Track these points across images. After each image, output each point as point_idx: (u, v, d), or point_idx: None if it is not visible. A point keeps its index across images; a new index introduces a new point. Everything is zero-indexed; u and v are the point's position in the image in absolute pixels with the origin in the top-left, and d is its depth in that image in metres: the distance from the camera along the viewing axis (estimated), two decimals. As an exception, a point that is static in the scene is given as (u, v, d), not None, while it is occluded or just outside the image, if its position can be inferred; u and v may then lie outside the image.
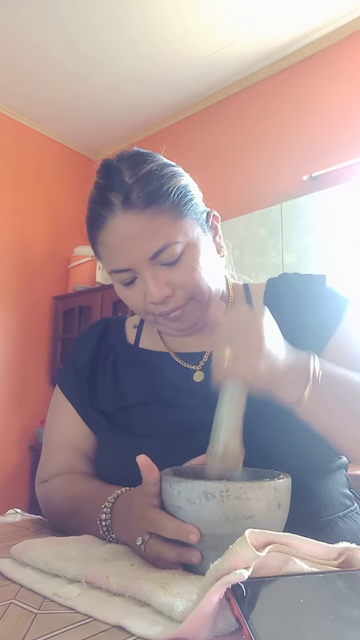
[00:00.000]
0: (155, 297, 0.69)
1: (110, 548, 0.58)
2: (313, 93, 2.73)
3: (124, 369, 0.82)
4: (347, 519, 0.70)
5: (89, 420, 0.81)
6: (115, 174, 0.70)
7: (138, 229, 0.68)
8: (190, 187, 0.74)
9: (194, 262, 0.71)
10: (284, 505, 0.51)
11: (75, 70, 2.98)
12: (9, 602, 0.44)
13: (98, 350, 0.85)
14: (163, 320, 0.74)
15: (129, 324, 0.90)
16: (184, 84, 3.11)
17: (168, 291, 0.70)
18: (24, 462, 3.20)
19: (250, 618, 0.34)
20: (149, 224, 0.68)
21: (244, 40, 2.73)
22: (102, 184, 0.71)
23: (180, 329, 0.76)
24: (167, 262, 0.69)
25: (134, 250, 0.68)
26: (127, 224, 0.68)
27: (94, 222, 0.72)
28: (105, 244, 0.71)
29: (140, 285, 0.71)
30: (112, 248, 0.70)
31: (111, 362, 0.83)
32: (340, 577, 0.41)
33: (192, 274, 0.71)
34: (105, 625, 0.40)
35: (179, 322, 0.74)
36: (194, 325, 0.76)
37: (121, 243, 0.69)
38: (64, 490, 0.75)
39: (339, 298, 0.77)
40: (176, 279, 0.70)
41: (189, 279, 0.71)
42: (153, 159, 0.72)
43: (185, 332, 0.77)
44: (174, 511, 0.51)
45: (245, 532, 0.40)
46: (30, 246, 3.42)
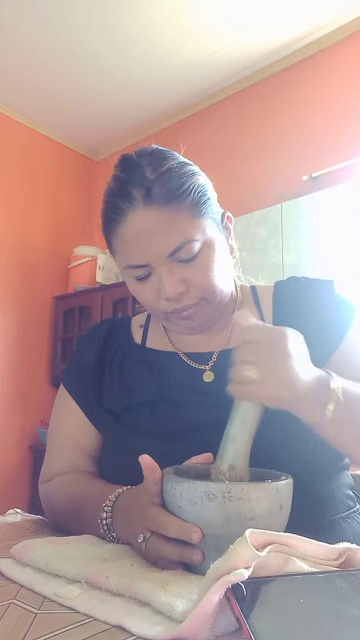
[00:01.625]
0: (170, 293, 0.70)
1: (110, 548, 0.58)
2: (313, 93, 2.73)
3: (131, 368, 0.81)
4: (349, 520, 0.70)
5: (95, 419, 0.80)
6: (136, 169, 0.70)
7: (158, 224, 0.68)
8: (208, 187, 0.75)
9: (210, 261, 0.71)
10: (286, 507, 0.51)
11: (75, 72, 2.98)
12: (9, 602, 0.44)
13: (104, 350, 0.85)
14: (174, 318, 0.74)
15: (135, 323, 0.89)
16: (184, 85, 3.11)
17: (183, 288, 0.70)
18: (24, 462, 3.20)
19: (250, 618, 0.34)
20: (169, 220, 0.68)
21: (244, 40, 2.73)
22: (123, 178, 0.71)
23: (191, 327, 0.76)
24: (184, 259, 0.70)
25: (152, 245, 0.69)
26: (148, 218, 0.68)
27: (112, 216, 0.72)
28: (123, 238, 0.71)
29: (155, 281, 0.71)
30: (130, 242, 0.70)
31: (118, 362, 0.83)
32: (340, 577, 0.41)
33: (208, 273, 0.71)
34: (105, 625, 0.40)
35: (190, 320, 0.74)
36: (203, 324, 0.76)
37: (140, 237, 0.69)
38: (66, 490, 0.75)
39: (347, 305, 0.78)
40: (191, 277, 0.70)
41: (204, 278, 0.71)
42: (173, 157, 0.73)
43: (195, 330, 0.77)
44: (175, 511, 0.51)
45: (245, 532, 0.40)
46: (31, 246, 3.42)
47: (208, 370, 0.77)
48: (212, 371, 0.76)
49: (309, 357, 0.60)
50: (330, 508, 0.69)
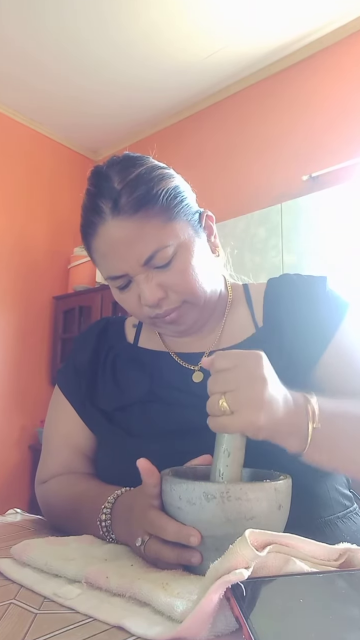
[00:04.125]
0: (149, 300, 0.70)
1: (110, 548, 0.58)
2: (313, 93, 2.73)
3: (123, 367, 0.82)
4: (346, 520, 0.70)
5: (88, 419, 0.81)
6: (104, 181, 0.71)
7: (128, 234, 0.68)
8: (181, 188, 0.74)
9: (187, 263, 0.71)
10: (285, 506, 0.51)
11: (75, 73, 2.98)
12: (9, 602, 0.44)
13: (97, 350, 0.86)
14: (160, 323, 0.75)
15: (129, 323, 0.90)
16: (184, 85, 3.11)
17: (161, 294, 0.70)
18: (24, 462, 3.20)
19: (250, 618, 0.34)
20: (139, 228, 0.68)
21: (243, 40, 2.73)
22: (92, 191, 0.72)
23: (178, 330, 0.76)
24: (160, 266, 0.70)
25: (125, 256, 0.69)
26: (117, 230, 0.68)
27: (86, 230, 0.73)
28: (98, 251, 0.72)
29: (135, 289, 0.72)
30: (104, 254, 0.71)
31: (110, 361, 0.83)
32: (340, 577, 0.41)
33: (185, 276, 0.71)
34: (105, 625, 0.40)
35: (176, 324, 0.74)
36: (191, 327, 0.76)
37: (113, 249, 0.70)
38: (63, 491, 0.75)
39: (339, 301, 0.77)
40: (169, 282, 0.70)
41: (181, 281, 0.71)
42: (142, 163, 0.72)
43: (183, 333, 0.78)
44: (174, 512, 0.51)
45: (245, 532, 0.40)
46: (30, 246, 3.42)
47: (197, 370, 0.77)
48: (201, 372, 0.76)
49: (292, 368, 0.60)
50: (326, 507, 0.69)
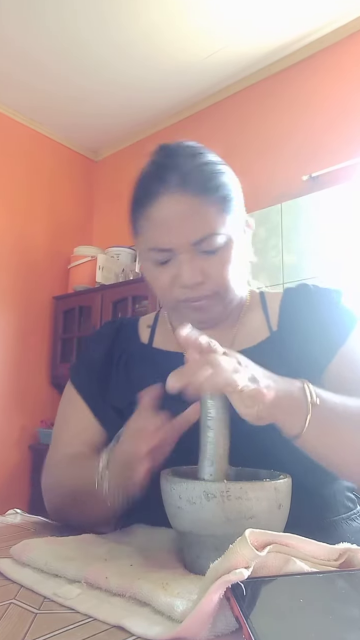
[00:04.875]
0: (188, 280, 0.71)
1: (110, 548, 0.58)
2: (313, 93, 2.73)
3: (136, 366, 0.82)
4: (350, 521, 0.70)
5: (101, 415, 0.81)
6: (175, 156, 0.73)
7: (187, 211, 0.70)
8: (237, 188, 0.78)
9: (230, 257, 0.73)
10: (285, 506, 0.51)
11: (75, 73, 2.98)
12: (9, 602, 0.44)
13: (111, 350, 0.86)
14: (184, 308, 0.75)
15: (142, 324, 0.90)
16: (183, 85, 3.11)
17: (200, 278, 0.71)
18: (24, 462, 3.20)
19: (250, 618, 0.34)
20: (199, 209, 0.70)
21: (243, 41, 2.73)
22: (160, 162, 0.74)
23: (199, 320, 0.77)
24: (207, 250, 0.71)
25: (179, 230, 0.70)
26: (179, 204, 0.70)
27: (143, 197, 0.74)
28: (151, 220, 0.72)
29: (173, 267, 0.73)
30: (157, 225, 0.72)
31: (124, 361, 0.84)
32: (340, 577, 0.41)
33: (225, 268, 0.73)
34: (105, 625, 0.40)
35: (200, 312, 0.75)
36: (212, 319, 0.78)
37: (168, 221, 0.71)
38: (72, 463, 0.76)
39: (350, 314, 0.79)
40: (210, 269, 0.72)
41: (221, 272, 0.73)
42: (210, 152, 0.77)
43: (202, 324, 0.78)
44: (175, 512, 0.51)
45: (245, 531, 0.40)
46: (30, 246, 3.42)
47: None
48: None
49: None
50: (330, 509, 0.69)
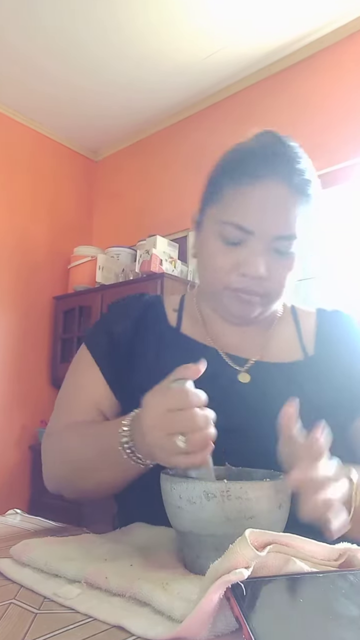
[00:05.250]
0: (254, 271, 0.69)
1: (110, 548, 0.58)
2: (312, 93, 2.73)
3: (167, 351, 0.79)
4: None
5: (119, 390, 0.78)
6: (289, 147, 0.72)
7: (286, 205, 0.69)
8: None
9: (293, 264, 0.73)
10: (285, 506, 0.51)
11: (75, 73, 2.98)
12: (9, 602, 0.44)
13: (138, 324, 0.82)
14: (230, 298, 0.74)
15: (168, 305, 0.87)
16: (183, 86, 3.11)
17: (265, 274, 0.70)
18: (24, 462, 3.20)
19: (250, 618, 0.34)
20: (295, 209, 0.70)
21: (243, 41, 2.73)
22: (271, 146, 0.71)
23: (239, 314, 0.75)
24: (280, 250, 0.71)
25: (271, 220, 0.69)
26: (280, 195, 0.69)
27: (242, 173, 0.70)
28: (247, 196, 0.70)
29: (241, 252, 0.71)
30: (253, 204, 0.69)
31: (154, 341, 0.80)
32: (340, 577, 0.41)
33: (287, 273, 0.73)
34: (105, 625, 0.40)
35: (243, 306, 0.74)
36: (248, 316, 0.76)
37: (265, 206, 0.69)
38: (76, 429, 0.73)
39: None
40: (274, 269, 0.71)
41: (282, 276, 0.72)
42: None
43: (241, 318, 0.77)
44: (175, 511, 0.51)
45: (245, 531, 0.40)
46: (31, 246, 3.42)
47: (244, 372, 0.76)
48: (248, 373, 0.76)
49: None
50: None
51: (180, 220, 3.19)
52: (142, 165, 3.59)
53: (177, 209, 3.25)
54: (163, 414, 0.51)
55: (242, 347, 0.80)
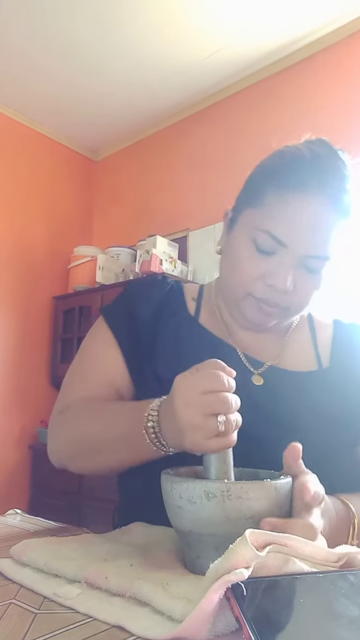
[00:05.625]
0: (281, 285, 0.68)
1: (110, 548, 0.58)
2: (313, 93, 2.73)
3: (186, 339, 0.77)
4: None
5: (135, 371, 0.76)
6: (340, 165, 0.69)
7: (326, 225, 0.67)
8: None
9: (319, 284, 0.72)
10: (285, 506, 0.51)
11: (75, 73, 2.98)
12: (9, 602, 0.44)
13: (161, 308, 0.80)
14: (250, 304, 0.73)
15: (188, 294, 0.85)
16: (184, 85, 3.11)
17: (291, 287, 0.69)
18: (24, 462, 3.20)
19: (250, 618, 0.34)
20: (334, 230, 0.68)
21: (243, 41, 2.73)
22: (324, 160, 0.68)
23: (257, 322, 0.75)
24: (310, 268, 0.69)
25: (308, 238, 0.67)
26: (322, 214, 0.67)
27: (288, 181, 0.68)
28: (289, 207, 0.67)
29: (272, 262, 0.69)
30: (293, 217, 0.67)
31: (174, 327, 0.78)
32: (340, 577, 0.41)
33: (312, 292, 0.72)
34: (105, 625, 0.40)
35: (262, 316, 0.73)
36: (265, 325, 0.76)
37: (306, 223, 0.67)
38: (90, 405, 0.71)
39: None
40: (300, 286, 0.70)
41: (307, 294, 0.71)
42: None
43: (256, 326, 0.76)
44: (175, 511, 0.51)
45: (245, 532, 0.40)
46: (30, 246, 3.42)
47: (257, 374, 0.76)
48: (261, 376, 0.75)
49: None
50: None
51: (180, 220, 3.19)
52: (142, 165, 3.59)
53: (177, 209, 3.25)
54: (199, 395, 0.51)
55: (258, 350, 0.79)
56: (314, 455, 0.62)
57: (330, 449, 0.69)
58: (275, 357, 0.79)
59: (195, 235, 3.12)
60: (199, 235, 3.09)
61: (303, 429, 0.69)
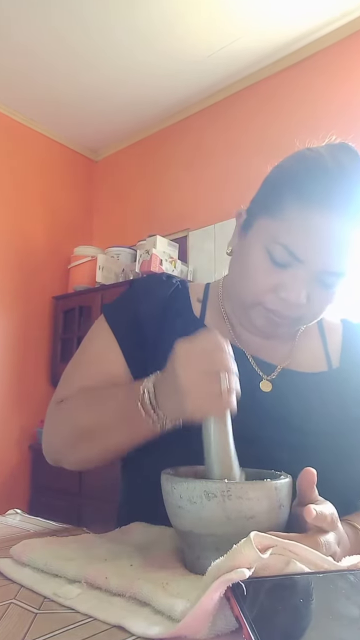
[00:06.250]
0: (294, 299, 0.66)
1: (110, 548, 0.58)
2: (316, 92, 2.73)
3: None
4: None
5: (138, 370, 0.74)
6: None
7: (346, 243, 0.65)
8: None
9: (333, 299, 0.70)
10: (286, 506, 0.51)
11: (75, 73, 2.98)
12: (9, 602, 0.44)
13: (166, 307, 0.79)
14: (260, 314, 0.71)
15: (193, 294, 0.83)
16: (184, 85, 3.11)
17: (304, 302, 0.68)
18: (24, 462, 3.20)
19: (250, 618, 0.34)
20: (350, 247, 0.66)
21: (244, 39, 2.73)
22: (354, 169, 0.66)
23: (265, 330, 0.73)
24: (326, 284, 0.68)
25: (325, 253, 0.65)
26: (344, 233, 0.65)
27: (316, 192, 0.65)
28: (310, 223, 0.65)
29: (286, 275, 0.67)
30: (313, 235, 0.65)
31: (178, 329, 0.76)
32: (340, 577, 0.41)
33: (324, 307, 0.71)
34: (105, 625, 0.40)
35: (273, 325, 0.72)
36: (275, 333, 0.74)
37: (326, 241, 0.65)
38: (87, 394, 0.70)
39: None
40: (313, 299, 0.68)
41: (320, 308, 0.70)
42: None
43: (265, 334, 0.75)
44: (175, 511, 0.51)
45: (250, 533, 0.40)
46: (30, 246, 3.42)
47: (266, 380, 0.74)
48: (270, 382, 0.74)
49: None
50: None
51: (180, 220, 3.19)
52: (142, 165, 3.59)
53: (177, 209, 3.25)
54: (200, 354, 0.52)
55: (267, 353, 0.77)
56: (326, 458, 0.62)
57: (342, 451, 0.68)
58: (285, 359, 0.77)
59: (195, 235, 3.12)
60: (199, 235, 3.09)
61: (314, 432, 0.68)
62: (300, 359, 0.78)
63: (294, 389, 0.74)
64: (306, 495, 0.52)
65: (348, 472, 0.67)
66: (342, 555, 0.50)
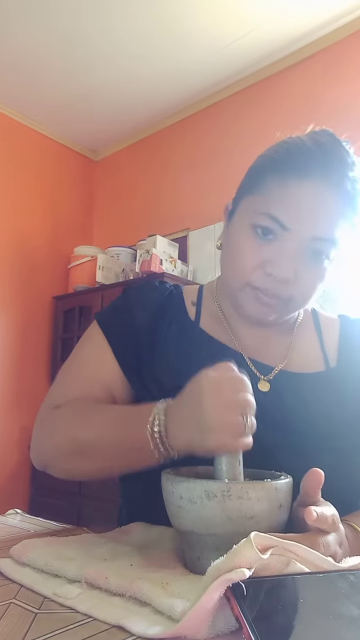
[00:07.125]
0: (280, 273, 0.65)
1: (110, 548, 0.58)
2: (315, 92, 2.73)
3: (187, 347, 0.74)
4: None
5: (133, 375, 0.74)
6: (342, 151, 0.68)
7: (331, 209, 0.65)
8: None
9: (325, 272, 0.69)
10: (286, 506, 0.51)
11: (75, 72, 2.98)
12: (9, 602, 0.44)
13: (160, 314, 0.78)
14: (250, 296, 0.69)
15: (187, 297, 0.82)
16: (184, 85, 3.11)
17: (292, 277, 0.66)
18: (24, 462, 3.20)
19: (250, 618, 0.34)
20: (340, 216, 0.66)
21: (244, 39, 2.73)
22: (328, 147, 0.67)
23: (256, 315, 0.71)
24: (318, 252, 0.66)
25: (312, 219, 0.65)
26: (327, 198, 0.65)
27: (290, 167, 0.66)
28: (290, 190, 0.65)
29: (271, 249, 0.66)
30: (295, 200, 0.65)
31: (175, 333, 0.76)
32: (340, 577, 0.41)
33: (315, 283, 0.69)
34: (105, 625, 0.40)
35: (262, 308, 0.70)
36: (267, 319, 0.72)
37: (308, 205, 0.65)
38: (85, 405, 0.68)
39: None
40: (303, 274, 0.67)
41: (311, 283, 0.69)
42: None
43: (256, 321, 0.74)
44: (175, 511, 0.51)
45: (250, 533, 0.40)
46: (31, 246, 3.42)
47: (264, 380, 0.73)
48: (268, 382, 0.73)
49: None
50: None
51: (180, 220, 3.19)
52: (142, 165, 3.59)
53: (177, 209, 3.25)
54: (231, 394, 0.52)
55: (264, 353, 0.77)
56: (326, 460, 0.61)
57: (342, 451, 0.68)
58: (282, 359, 0.76)
59: (195, 235, 3.12)
60: (199, 235, 3.09)
61: (313, 433, 0.68)
62: (297, 358, 0.78)
63: (291, 389, 0.73)
64: (310, 496, 0.51)
65: (348, 473, 0.67)
66: (342, 556, 0.50)
